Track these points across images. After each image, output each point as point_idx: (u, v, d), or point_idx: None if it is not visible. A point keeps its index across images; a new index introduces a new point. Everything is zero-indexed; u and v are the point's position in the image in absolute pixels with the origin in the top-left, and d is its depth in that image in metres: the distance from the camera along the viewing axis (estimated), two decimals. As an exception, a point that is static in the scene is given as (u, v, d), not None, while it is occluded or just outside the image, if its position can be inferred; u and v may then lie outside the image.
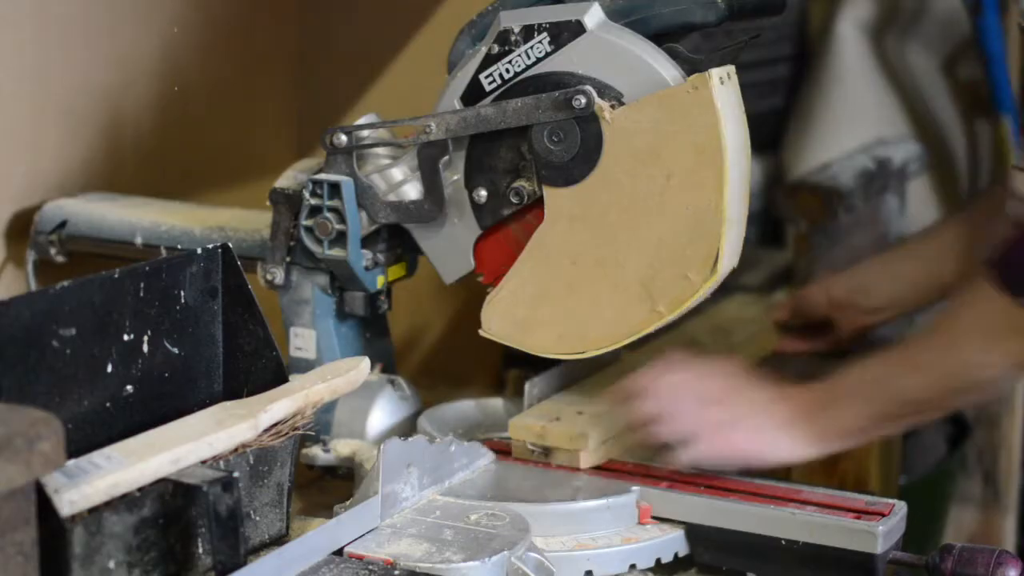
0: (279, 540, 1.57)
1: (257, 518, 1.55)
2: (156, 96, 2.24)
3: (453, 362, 2.37)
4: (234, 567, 1.40)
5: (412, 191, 1.81)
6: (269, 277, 1.87)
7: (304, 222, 1.83)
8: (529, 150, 1.73)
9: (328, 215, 1.82)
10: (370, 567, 1.50)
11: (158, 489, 1.42)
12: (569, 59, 1.71)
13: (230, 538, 1.40)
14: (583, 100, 1.69)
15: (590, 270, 1.72)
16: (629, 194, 1.70)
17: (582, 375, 1.96)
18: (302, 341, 1.88)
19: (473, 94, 1.75)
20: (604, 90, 1.70)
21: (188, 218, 1.98)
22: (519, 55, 1.72)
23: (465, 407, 1.95)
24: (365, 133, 1.82)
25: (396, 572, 1.50)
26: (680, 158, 1.67)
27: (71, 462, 1.37)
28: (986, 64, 3.12)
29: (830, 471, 2.15)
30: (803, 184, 2.71)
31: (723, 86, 1.68)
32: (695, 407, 1.74)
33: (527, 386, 1.87)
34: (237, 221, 1.96)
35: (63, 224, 2.03)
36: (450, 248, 1.81)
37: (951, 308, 1.77)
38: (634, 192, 1.69)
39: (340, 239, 1.82)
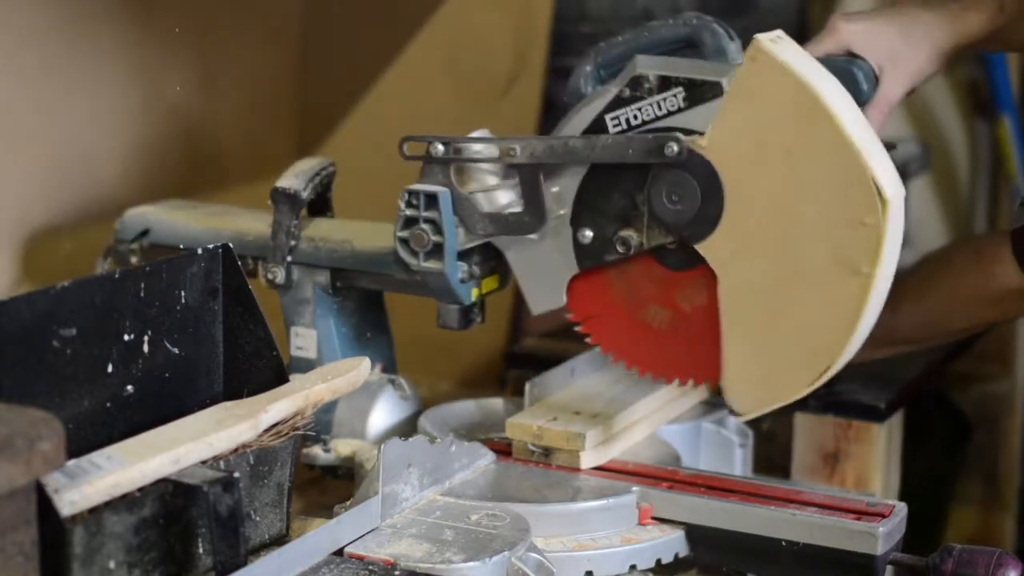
0: (279, 540, 1.57)
1: (257, 518, 1.55)
2: (156, 95, 2.24)
3: (453, 362, 2.37)
4: (234, 567, 1.40)
5: (503, 197, 1.78)
6: (270, 276, 1.87)
7: (399, 233, 1.78)
8: (644, 203, 1.70)
9: (424, 226, 1.77)
10: (370, 567, 1.50)
11: (158, 489, 1.41)
12: (703, 119, 1.68)
13: (230, 538, 1.40)
14: (675, 148, 1.66)
15: (781, 284, 1.65)
16: (766, 194, 1.64)
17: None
18: (303, 341, 1.88)
19: (595, 131, 1.72)
20: None
21: (270, 226, 1.93)
22: (650, 104, 1.70)
23: (465, 407, 1.95)
24: (458, 145, 1.77)
25: (396, 572, 1.50)
26: (784, 128, 1.61)
27: (71, 462, 1.37)
28: (986, 64, 3.12)
29: (830, 471, 2.15)
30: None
31: (778, 44, 1.62)
32: None
33: (527, 386, 1.87)
34: (328, 231, 1.91)
35: (145, 232, 1.99)
36: (544, 280, 1.79)
37: (936, 260, 1.94)
38: (769, 189, 1.64)
39: (436, 251, 1.77)
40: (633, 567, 1.67)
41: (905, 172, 2.86)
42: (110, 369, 1.50)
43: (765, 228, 1.64)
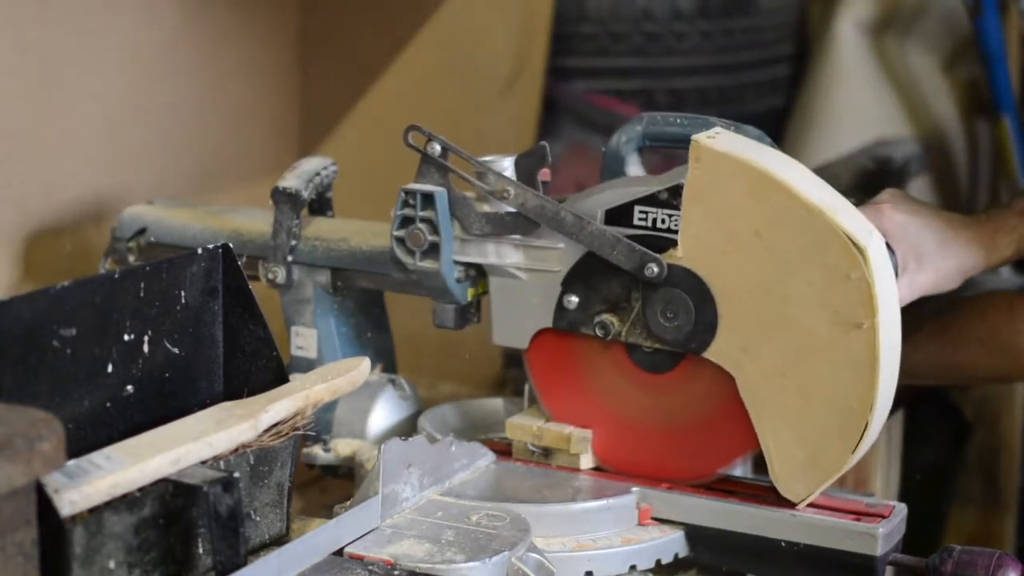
0: (279, 540, 1.57)
1: (257, 518, 1.55)
2: (156, 95, 2.24)
3: (453, 362, 2.37)
4: (234, 567, 1.40)
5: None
6: (271, 276, 1.87)
7: (396, 232, 1.79)
8: (638, 300, 1.71)
9: (420, 226, 1.78)
10: (370, 567, 1.50)
11: (158, 489, 1.41)
12: None
13: (230, 538, 1.40)
14: (655, 269, 1.68)
15: (795, 363, 1.64)
16: (754, 282, 1.64)
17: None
18: (303, 340, 1.88)
19: (619, 217, 1.71)
20: None
21: (270, 224, 1.93)
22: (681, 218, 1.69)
23: (465, 407, 1.94)
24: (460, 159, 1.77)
25: (396, 572, 1.50)
26: (747, 213, 1.63)
27: (71, 462, 1.37)
28: (986, 64, 3.12)
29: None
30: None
31: (717, 138, 1.65)
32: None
33: (527, 386, 1.87)
34: (328, 231, 1.91)
35: (142, 231, 2.00)
36: (515, 319, 1.79)
37: (969, 309, 1.92)
38: (754, 275, 1.64)
39: (432, 250, 1.78)
40: (633, 567, 1.67)
41: (905, 172, 2.87)
42: (110, 369, 1.50)
43: (762, 315, 1.65)
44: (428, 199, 1.77)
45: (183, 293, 1.58)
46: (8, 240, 2.06)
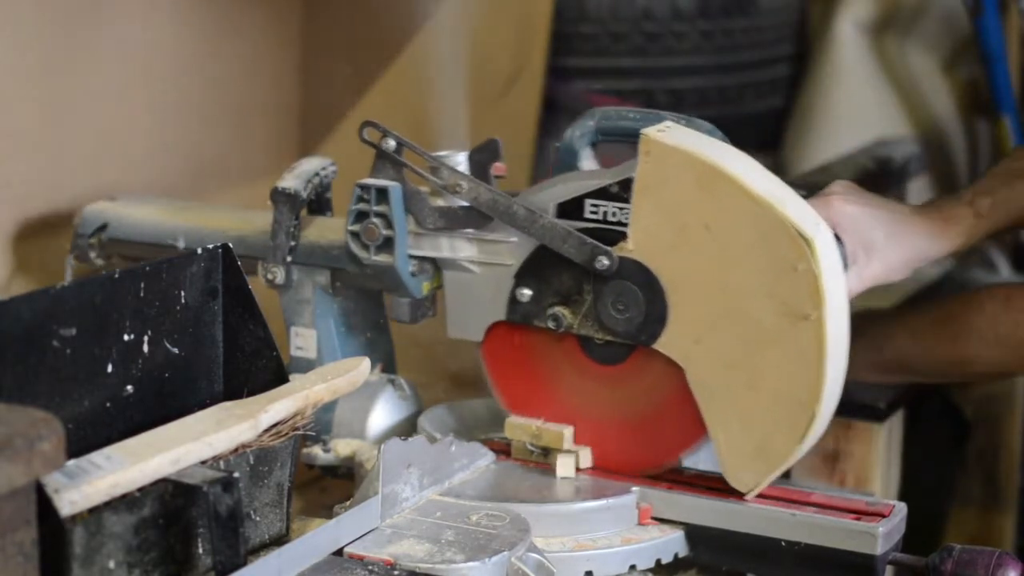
0: (279, 540, 1.57)
1: (257, 518, 1.55)
2: (156, 95, 2.24)
3: (453, 362, 2.37)
4: (234, 567, 1.40)
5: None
6: (270, 276, 1.87)
7: (351, 227, 1.81)
8: (590, 293, 1.72)
9: (375, 220, 1.80)
10: (370, 567, 1.50)
11: (158, 489, 1.41)
12: None
13: (230, 538, 1.40)
14: (605, 263, 1.69)
15: (744, 354, 1.65)
16: (703, 274, 1.66)
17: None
18: (303, 341, 1.88)
19: (571, 211, 1.72)
20: None
21: (234, 221, 1.95)
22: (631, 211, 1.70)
23: (465, 407, 1.94)
24: (414, 154, 1.79)
25: (396, 572, 1.50)
26: (695, 206, 1.64)
27: (71, 462, 1.37)
28: (986, 64, 3.12)
29: (830, 471, 2.15)
30: (803, 184, 2.71)
31: (666, 132, 1.66)
32: None
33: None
34: None
35: (104, 227, 2.01)
36: (469, 312, 1.80)
37: (966, 303, 1.93)
38: (704, 268, 1.65)
39: (387, 245, 1.80)
40: (633, 567, 1.67)
41: (905, 172, 2.87)
42: (110, 369, 1.50)
43: (711, 307, 1.66)
44: (382, 194, 1.79)
45: (183, 293, 1.58)
46: (8, 240, 2.06)
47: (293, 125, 2.50)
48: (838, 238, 1.74)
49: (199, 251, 1.60)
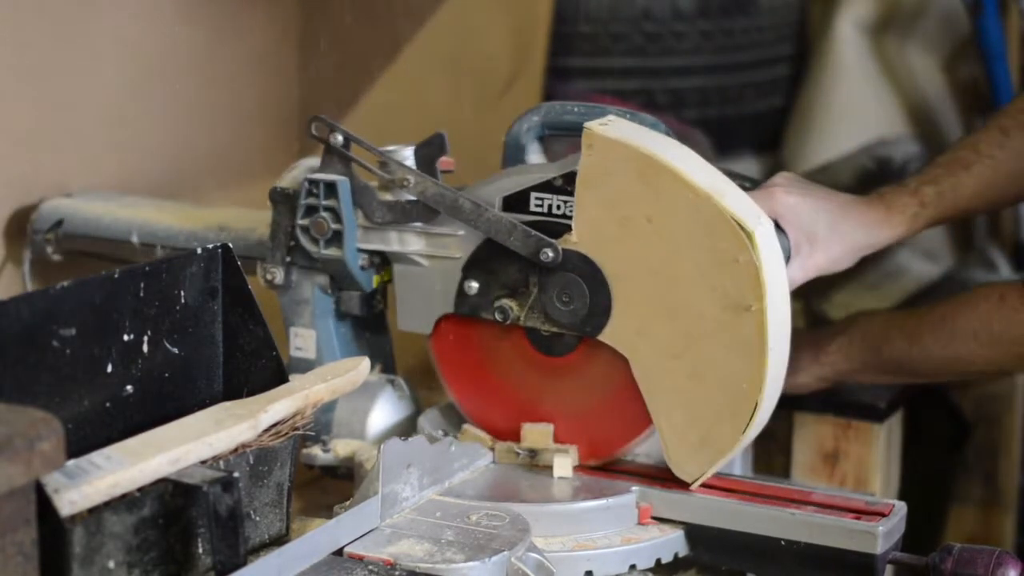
0: (279, 540, 1.57)
1: (257, 518, 1.55)
2: (156, 95, 2.24)
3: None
4: (234, 567, 1.40)
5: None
6: (269, 277, 1.87)
7: (300, 221, 1.83)
8: (536, 285, 1.73)
9: (324, 214, 1.82)
10: (370, 567, 1.50)
11: (158, 489, 1.41)
12: None
13: (230, 538, 1.40)
14: (550, 255, 1.71)
15: (687, 345, 1.67)
16: (646, 266, 1.68)
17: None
18: (302, 341, 1.88)
19: (517, 203, 1.74)
20: None
21: (185, 217, 1.98)
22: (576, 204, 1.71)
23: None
24: (361, 149, 1.81)
25: (396, 572, 1.50)
26: (637, 199, 1.66)
27: (71, 462, 1.37)
28: (986, 64, 3.12)
29: (830, 471, 2.15)
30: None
31: (609, 125, 1.68)
32: None
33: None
34: (234, 220, 1.96)
35: (59, 223, 2.03)
36: (418, 305, 1.82)
37: (961, 302, 1.93)
38: (647, 260, 1.67)
39: (336, 238, 1.82)
40: (633, 567, 1.67)
41: (905, 172, 2.87)
42: (110, 369, 1.50)
43: (654, 299, 1.68)
44: (331, 188, 1.81)
45: (183, 293, 1.58)
46: (8, 239, 2.06)
47: (293, 125, 2.50)
48: (781, 229, 1.76)
49: (199, 251, 1.60)
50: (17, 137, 2.04)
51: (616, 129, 1.68)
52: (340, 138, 1.82)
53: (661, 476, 1.76)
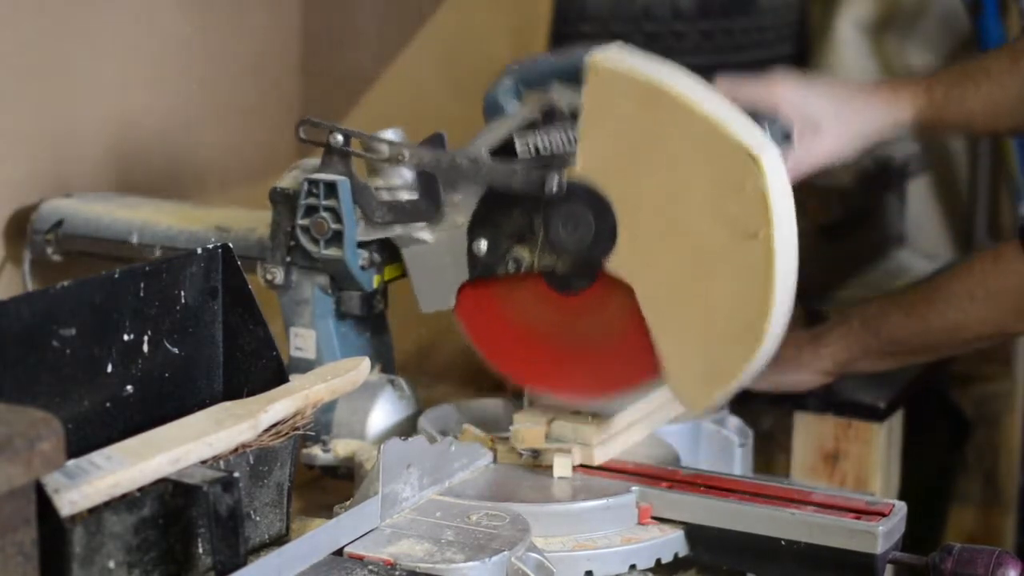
0: (279, 540, 1.57)
1: (257, 518, 1.55)
2: (156, 95, 2.24)
3: (453, 362, 2.37)
4: (234, 567, 1.40)
5: (396, 178, 1.81)
6: (269, 277, 1.87)
7: (300, 221, 1.83)
8: (541, 226, 1.73)
9: (324, 215, 1.82)
10: (370, 567, 1.50)
11: (158, 489, 1.41)
12: None
13: (230, 538, 1.40)
14: (554, 184, 1.70)
15: (693, 274, 1.67)
16: (652, 194, 1.67)
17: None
18: (302, 341, 1.88)
19: (504, 152, 1.75)
20: None
21: (185, 217, 1.99)
22: (561, 135, 1.72)
23: (465, 407, 1.94)
24: (358, 140, 1.81)
25: (396, 572, 1.50)
26: (643, 127, 1.65)
27: (71, 462, 1.37)
28: (986, 64, 3.11)
29: (830, 471, 2.15)
30: (803, 184, 2.71)
31: (613, 55, 1.67)
32: None
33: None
34: (234, 220, 1.96)
35: (59, 223, 2.03)
36: (435, 282, 1.82)
37: (957, 268, 1.95)
38: (652, 187, 1.67)
39: (336, 239, 1.82)
40: (633, 567, 1.67)
41: (905, 172, 2.87)
42: (110, 369, 1.50)
43: (660, 227, 1.67)
44: (331, 188, 1.81)
45: (183, 293, 1.58)
46: (8, 240, 2.06)
47: (293, 125, 2.50)
48: (782, 123, 1.76)
49: (199, 251, 1.60)
50: (17, 137, 2.04)
51: (618, 58, 1.67)
52: (340, 138, 1.82)
53: (661, 476, 1.76)
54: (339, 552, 1.53)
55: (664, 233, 1.67)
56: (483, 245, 1.77)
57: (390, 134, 1.81)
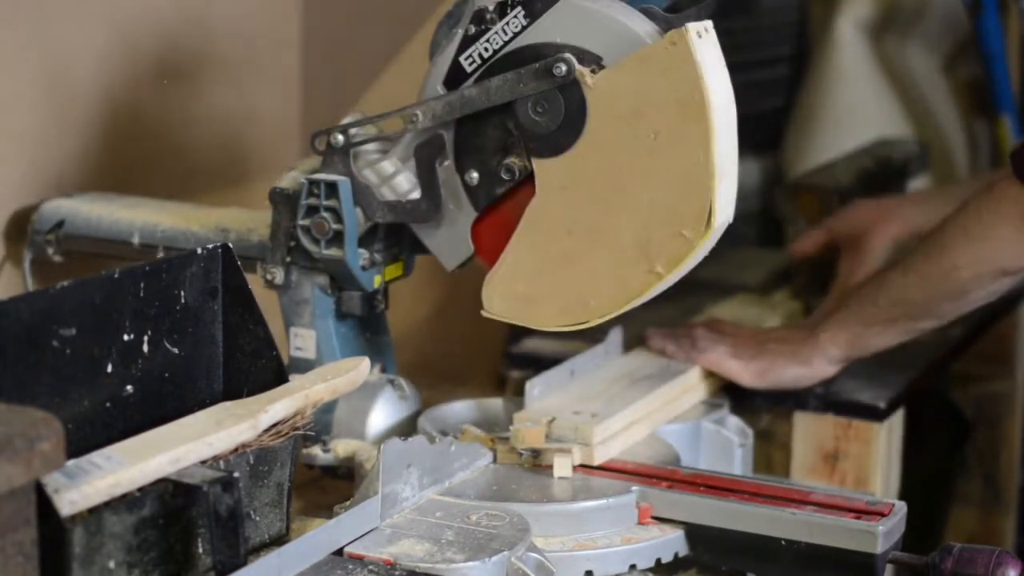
0: (279, 540, 1.57)
1: (257, 518, 1.55)
2: (157, 95, 2.24)
3: (453, 362, 2.37)
4: (234, 567, 1.40)
5: (405, 182, 1.80)
6: (269, 277, 1.87)
7: (301, 222, 1.83)
8: (515, 126, 1.73)
9: (325, 215, 1.82)
10: (370, 567, 1.50)
11: (158, 489, 1.41)
12: (546, 29, 1.70)
13: (230, 538, 1.40)
14: (564, 68, 1.69)
15: (586, 238, 1.70)
16: (617, 158, 1.67)
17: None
18: (302, 341, 1.88)
19: (455, 77, 1.75)
20: (584, 56, 1.68)
21: (186, 218, 1.99)
22: (496, 32, 1.72)
23: (465, 407, 1.95)
24: (355, 131, 1.82)
25: (396, 572, 1.50)
26: (665, 116, 1.65)
27: (71, 462, 1.37)
28: (986, 64, 3.13)
29: (830, 471, 2.15)
30: (803, 184, 2.71)
31: (701, 40, 1.65)
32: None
33: (527, 386, 1.87)
34: (234, 220, 1.96)
35: (60, 224, 2.03)
36: (448, 235, 1.81)
37: (952, 214, 1.92)
38: (622, 155, 1.67)
39: (337, 239, 1.82)
40: (633, 567, 1.67)
41: (905, 172, 2.88)
42: (110, 369, 1.50)
43: (599, 182, 1.68)
44: (332, 188, 1.81)
45: (183, 293, 1.58)
46: (8, 240, 2.07)
47: (293, 125, 2.50)
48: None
49: (199, 251, 1.60)
50: (17, 137, 2.04)
51: (704, 48, 1.64)
52: (340, 138, 1.82)
53: (661, 476, 1.76)
54: (339, 552, 1.53)
55: (595, 189, 1.68)
56: (474, 175, 1.77)
57: (359, 115, 1.83)
